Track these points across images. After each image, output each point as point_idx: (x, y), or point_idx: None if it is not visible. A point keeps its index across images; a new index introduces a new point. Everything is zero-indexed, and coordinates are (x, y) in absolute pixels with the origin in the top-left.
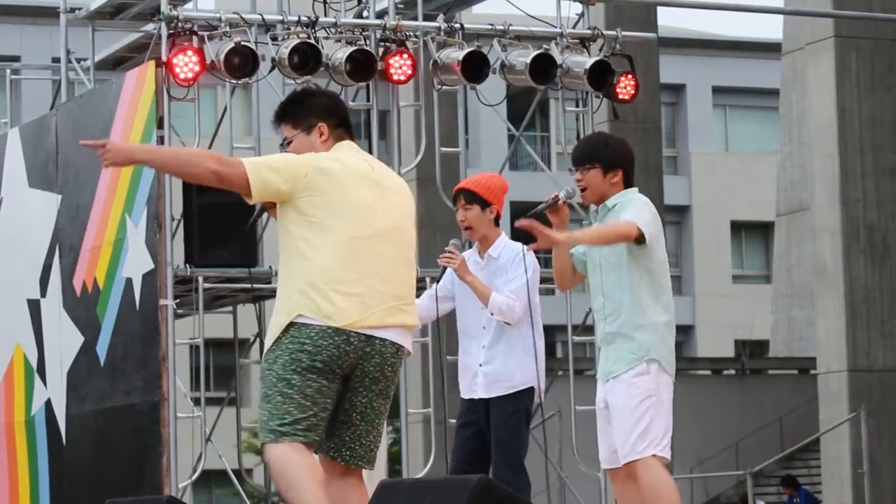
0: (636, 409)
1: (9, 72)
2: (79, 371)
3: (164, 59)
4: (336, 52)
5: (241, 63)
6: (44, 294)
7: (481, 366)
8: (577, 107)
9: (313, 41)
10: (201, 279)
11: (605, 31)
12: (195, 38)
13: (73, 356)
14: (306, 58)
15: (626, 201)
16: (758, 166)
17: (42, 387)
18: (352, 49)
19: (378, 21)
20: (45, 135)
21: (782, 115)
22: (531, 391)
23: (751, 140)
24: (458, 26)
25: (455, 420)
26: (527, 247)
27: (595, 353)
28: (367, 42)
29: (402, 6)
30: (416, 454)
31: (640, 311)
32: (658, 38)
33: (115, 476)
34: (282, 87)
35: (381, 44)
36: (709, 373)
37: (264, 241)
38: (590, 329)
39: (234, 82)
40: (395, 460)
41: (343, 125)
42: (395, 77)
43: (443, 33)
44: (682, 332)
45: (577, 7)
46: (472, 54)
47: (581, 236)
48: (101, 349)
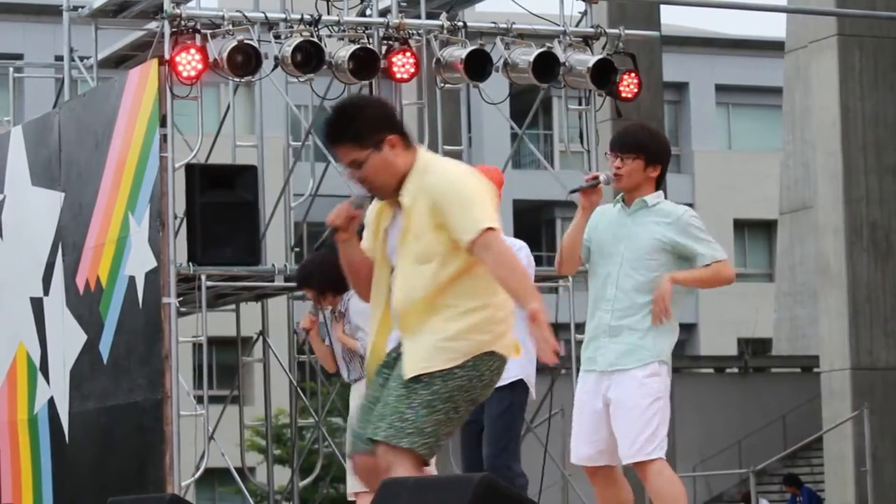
0: (647, 411)
1: (12, 70)
2: (82, 369)
3: (167, 57)
4: (339, 51)
5: (244, 61)
6: (47, 292)
7: None
8: (580, 105)
9: (316, 39)
10: (204, 277)
11: (608, 30)
12: (198, 37)
13: (76, 354)
14: (309, 56)
15: (686, 223)
16: (761, 164)
17: (45, 385)
18: (355, 47)
19: (381, 19)
20: (48, 133)
21: (785, 113)
22: (523, 384)
23: (754, 138)
24: (461, 24)
25: None
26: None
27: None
28: (370, 40)
29: (404, 4)
30: None
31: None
32: (661, 37)
33: (117, 474)
34: (285, 86)
35: (384, 42)
36: (712, 371)
37: (267, 238)
38: None
39: (237, 80)
40: None
41: (403, 129)
42: (398, 75)
43: (446, 31)
44: (685, 330)
45: (580, 5)
46: (475, 52)
47: (685, 277)
48: (104, 347)
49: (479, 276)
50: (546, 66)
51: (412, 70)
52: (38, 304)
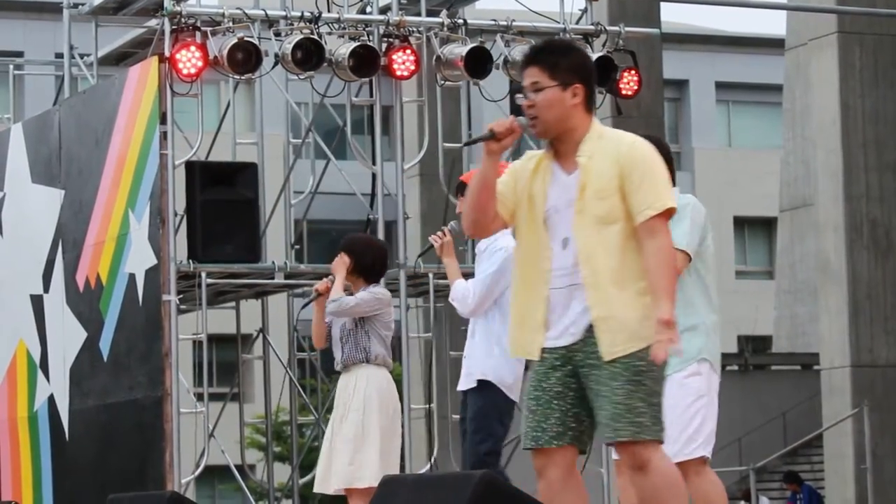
0: (688, 409)
1: (12, 67)
2: (82, 367)
3: (167, 54)
4: (339, 48)
5: (245, 59)
6: (47, 289)
7: (465, 358)
8: None
9: (316, 37)
10: (204, 275)
11: (608, 27)
12: (198, 34)
13: (76, 352)
14: (309, 53)
15: (681, 206)
16: (761, 162)
17: (45, 382)
18: (355, 45)
19: (381, 17)
20: (49, 130)
21: (785, 110)
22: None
23: (754, 136)
24: (461, 22)
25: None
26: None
27: None
28: (371, 38)
29: (405, 2)
30: (419, 449)
31: (693, 310)
32: (661, 34)
33: (117, 471)
34: (285, 83)
35: (385, 39)
36: None
37: (267, 236)
38: None
39: (238, 78)
40: None
41: (593, 92)
42: (399, 73)
43: (446, 29)
44: None
45: (581, 2)
46: (476, 50)
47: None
48: (105, 345)
49: (639, 256)
50: None
51: (412, 67)
52: (38, 302)
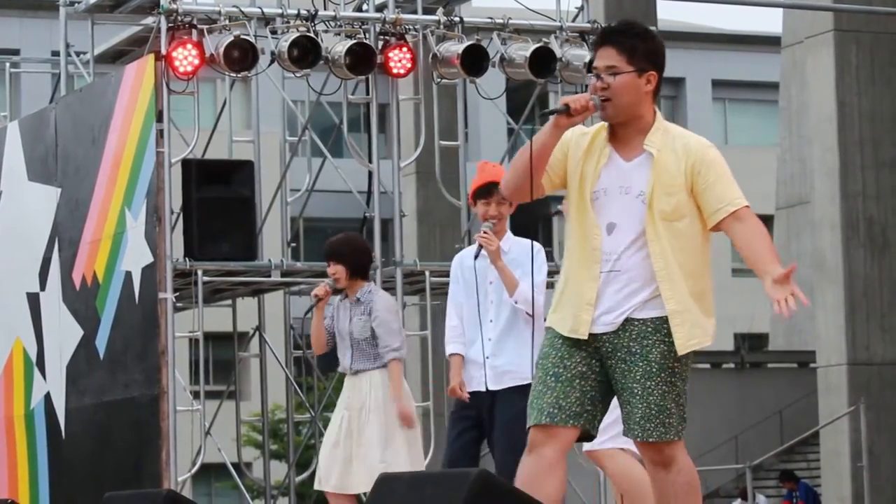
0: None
1: (8, 65)
2: (78, 364)
3: (163, 52)
4: (335, 46)
5: (241, 56)
6: (43, 287)
7: (488, 358)
8: None
9: (313, 34)
10: (201, 272)
11: (604, 25)
12: (194, 32)
13: (72, 350)
14: (306, 51)
15: None
16: (757, 159)
17: (41, 380)
18: (351, 42)
19: (377, 14)
20: (45, 128)
21: (782, 108)
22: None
23: (750, 133)
24: (457, 20)
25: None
26: None
27: None
28: (367, 35)
29: (401, 0)
30: None
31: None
32: (658, 32)
33: (114, 469)
34: (281, 81)
35: (381, 37)
36: (708, 366)
37: (263, 234)
38: None
39: (234, 76)
40: None
41: (661, 81)
42: (395, 70)
43: (442, 27)
44: None
45: (577, 0)
46: (472, 48)
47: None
48: (101, 343)
49: (707, 254)
50: (542, 61)
51: (409, 65)
52: (34, 300)
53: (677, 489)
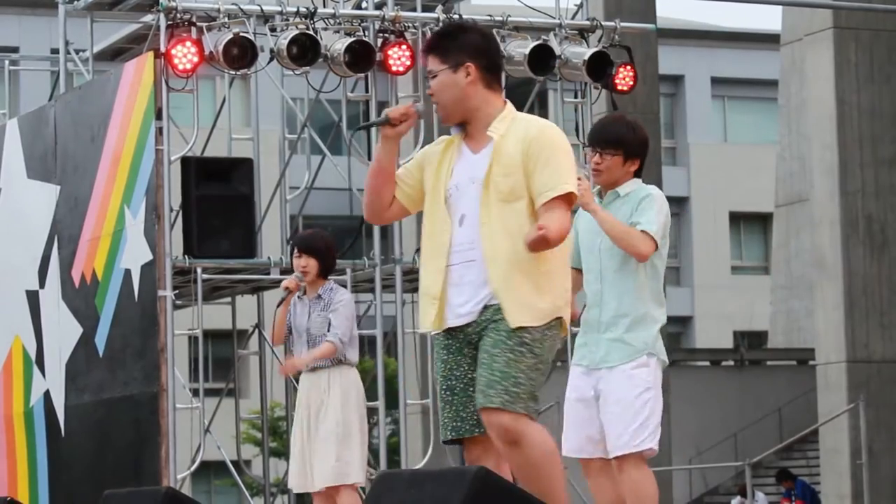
0: (635, 402)
1: (7, 63)
2: (77, 362)
3: (162, 50)
4: (335, 43)
5: (240, 54)
6: (42, 285)
7: None
8: (575, 98)
9: (312, 32)
10: (200, 270)
11: (603, 22)
12: (194, 29)
13: (71, 347)
14: (305, 49)
15: (643, 197)
16: (757, 157)
17: (41, 378)
18: (350, 40)
19: (377, 12)
20: (44, 126)
21: (781, 105)
22: None
23: (750, 131)
24: (456, 17)
25: None
26: None
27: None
28: (366, 33)
29: None
30: (415, 445)
31: (643, 304)
32: (657, 29)
33: (113, 467)
34: (280, 79)
35: (380, 35)
36: (707, 364)
37: (263, 231)
38: None
39: (233, 73)
40: (393, 451)
41: (493, 69)
42: (394, 68)
43: (441, 24)
44: (681, 324)
45: None
46: None
47: (604, 216)
48: (100, 340)
49: None
50: (542, 58)
51: (408, 63)
52: (33, 297)
53: (534, 461)
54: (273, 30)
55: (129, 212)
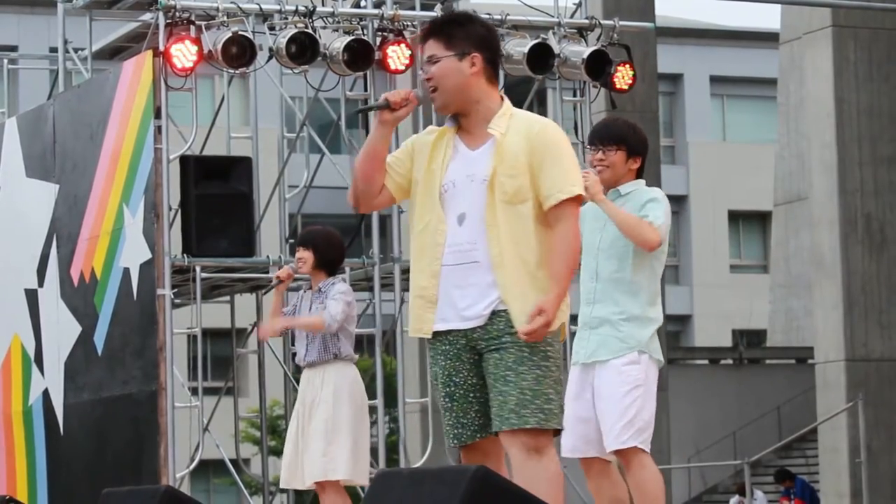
0: (623, 399)
1: (6, 61)
2: (76, 361)
3: (161, 48)
4: (334, 42)
5: (239, 53)
6: (41, 284)
7: None
8: (574, 96)
9: (311, 31)
10: (199, 269)
11: (602, 21)
12: (193, 28)
13: (70, 346)
14: (304, 47)
15: (647, 195)
16: (756, 156)
17: (40, 377)
18: (349, 38)
19: (376, 11)
20: (43, 125)
21: (780, 104)
22: None
23: (748, 129)
24: None
25: None
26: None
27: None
28: (365, 32)
29: None
30: (414, 443)
31: (638, 305)
32: (656, 28)
33: (112, 466)
34: (279, 77)
35: (379, 33)
36: (706, 362)
37: (261, 230)
38: None
39: (232, 72)
40: (393, 449)
41: (494, 64)
42: (393, 67)
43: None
44: (680, 322)
45: None
46: None
47: (612, 207)
48: (99, 339)
49: (546, 239)
50: (540, 57)
51: (407, 62)
52: (32, 296)
53: (549, 477)
54: (272, 28)
55: (127, 210)
